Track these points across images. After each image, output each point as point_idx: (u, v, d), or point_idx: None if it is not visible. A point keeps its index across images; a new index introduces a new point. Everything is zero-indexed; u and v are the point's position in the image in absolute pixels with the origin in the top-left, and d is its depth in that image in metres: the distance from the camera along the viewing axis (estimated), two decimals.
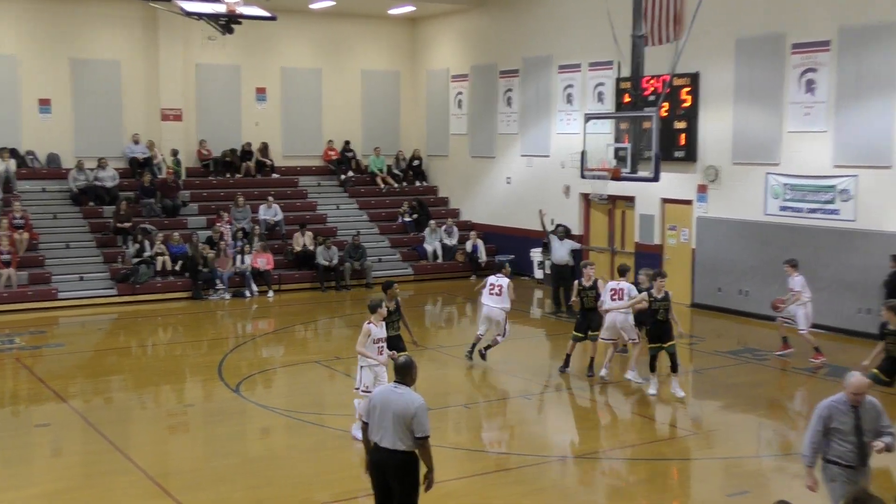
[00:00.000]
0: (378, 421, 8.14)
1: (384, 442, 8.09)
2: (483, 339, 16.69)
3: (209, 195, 26.91)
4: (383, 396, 8.24)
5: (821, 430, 8.19)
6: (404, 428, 8.02)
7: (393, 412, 8.04)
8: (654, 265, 22.40)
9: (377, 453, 8.17)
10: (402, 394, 8.16)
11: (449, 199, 29.81)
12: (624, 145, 17.64)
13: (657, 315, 14.35)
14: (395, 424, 8.02)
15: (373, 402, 8.28)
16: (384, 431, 8.08)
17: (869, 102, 18.06)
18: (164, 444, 12.96)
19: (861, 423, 8.06)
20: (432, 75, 30.19)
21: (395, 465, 8.09)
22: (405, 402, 8.07)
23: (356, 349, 12.08)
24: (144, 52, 27.05)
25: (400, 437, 8.03)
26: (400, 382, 8.29)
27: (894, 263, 17.30)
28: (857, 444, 8.07)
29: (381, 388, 8.52)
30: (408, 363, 8.40)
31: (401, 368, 8.37)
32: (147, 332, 20.56)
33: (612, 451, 12.43)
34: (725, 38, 20.57)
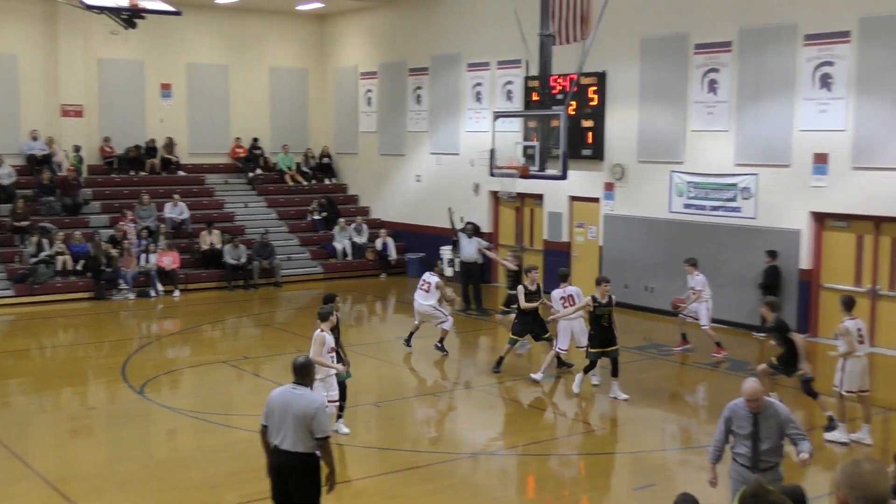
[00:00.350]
0: (278, 423, 8.02)
1: (284, 444, 7.99)
2: (418, 330, 17.39)
3: (112, 193, 26.28)
4: (282, 398, 8.10)
5: (724, 429, 8.38)
6: (304, 429, 7.91)
7: (293, 413, 7.93)
8: (563, 263, 22.70)
9: (277, 456, 8.06)
10: (300, 394, 8.05)
11: (359, 196, 29.68)
12: (532, 143, 17.75)
13: (601, 321, 14.17)
14: (295, 426, 7.92)
15: (271, 404, 8.13)
16: (284, 433, 7.97)
17: (768, 102, 18.55)
18: (66, 449, 12.60)
19: (758, 429, 8.08)
20: (341, 73, 30.01)
21: (296, 466, 7.99)
22: (305, 403, 7.97)
23: (313, 359, 11.67)
24: (43, 46, 26.28)
25: (300, 439, 7.93)
26: (298, 383, 8.15)
27: (770, 259, 18.50)
28: (753, 448, 8.15)
29: (280, 390, 8.30)
30: (306, 363, 8.25)
31: (299, 369, 8.22)
32: (47, 334, 19.99)
33: (522, 447, 12.52)
34: (631, 39, 20.90)
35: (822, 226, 18.20)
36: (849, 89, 17.30)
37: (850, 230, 17.85)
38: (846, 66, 17.32)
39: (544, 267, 23.57)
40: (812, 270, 18.23)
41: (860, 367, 12.36)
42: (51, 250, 22.98)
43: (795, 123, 18.14)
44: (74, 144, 26.22)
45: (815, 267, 18.24)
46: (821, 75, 17.70)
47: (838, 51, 17.43)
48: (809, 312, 18.30)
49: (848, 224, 17.85)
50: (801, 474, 9.97)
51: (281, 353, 17.41)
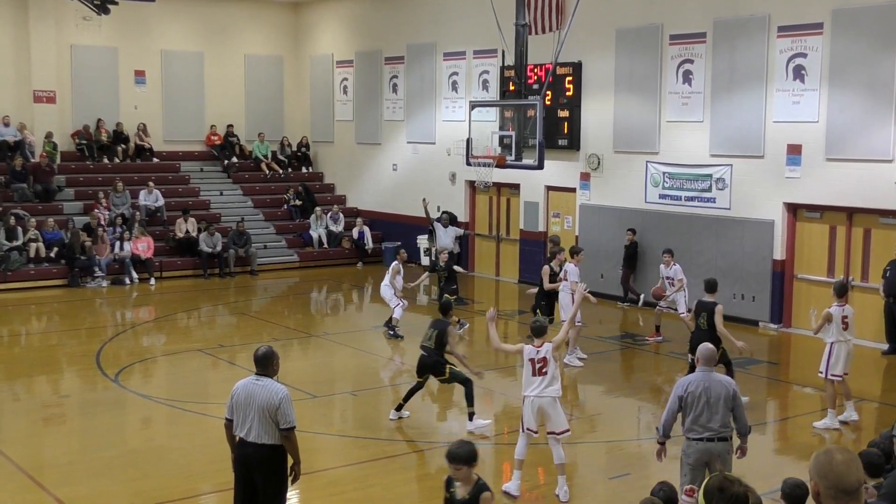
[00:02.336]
0: (242, 415, 7.97)
1: (250, 436, 7.94)
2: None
3: (86, 180, 26.09)
4: (246, 390, 8.03)
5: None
6: (269, 420, 7.88)
7: (257, 405, 7.88)
8: (539, 253, 22.79)
9: (242, 448, 8.02)
10: (264, 385, 7.97)
11: (335, 185, 29.62)
12: (509, 133, 17.78)
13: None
14: (260, 417, 7.87)
15: (235, 397, 8.06)
16: (249, 425, 7.93)
17: (742, 94, 18.66)
18: (39, 437, 12.54)
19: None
20: (316, 61, 29.90)
21: (261, 458, 7.95)
22: (269, 394, 7.91)
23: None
24: (14, 32, 25.99)
25: (266, 430, 7.89)
26: (261, 374, 8.07)
27: (632, 235, 20.59)
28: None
29: (243, 382, 8.17)
30: (269, 353, 8.16)
31: (262, 359, 8.11)
32: (20, 321, 19.85)
33: (497, 436, 12.57)
34: (606, 29, 20.95)
35: (795, 217, 18.35)
36: (822, 81, 17.43)
37: (823, 221, 18.01)
38: (819, 57, 17.44)
39: (520, 256, 23.68)
40: (786, 261, 18.38)
41: (845, 352, 12.56)
42: (24, 237, 22.81)
43: (769, 115, 18.26)
44: (47, 131, 25.97)
45: (789, 258, 18.39)
46: (794, 67, 17.82)
47: (811, 42, 17.56)
48: (784, 303, 18.45)
49: (821, 215, 18.01)
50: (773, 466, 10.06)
51: (256, 342, 17.35)
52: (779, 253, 18.38)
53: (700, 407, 8.51)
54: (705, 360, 8.72)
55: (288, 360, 16.13)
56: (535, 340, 10.21)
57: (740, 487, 4.19)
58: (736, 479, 4.23)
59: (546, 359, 10.28)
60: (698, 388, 8.53)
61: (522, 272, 23.65)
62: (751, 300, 18.70)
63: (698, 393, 8.51)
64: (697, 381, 8.59)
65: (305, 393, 14.00)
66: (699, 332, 13.08)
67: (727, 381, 8.69)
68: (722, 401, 8.50)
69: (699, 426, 8.54)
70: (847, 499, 4.01)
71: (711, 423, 8.51)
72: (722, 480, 4.22)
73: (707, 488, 4.23)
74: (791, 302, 18.46)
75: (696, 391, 8.52)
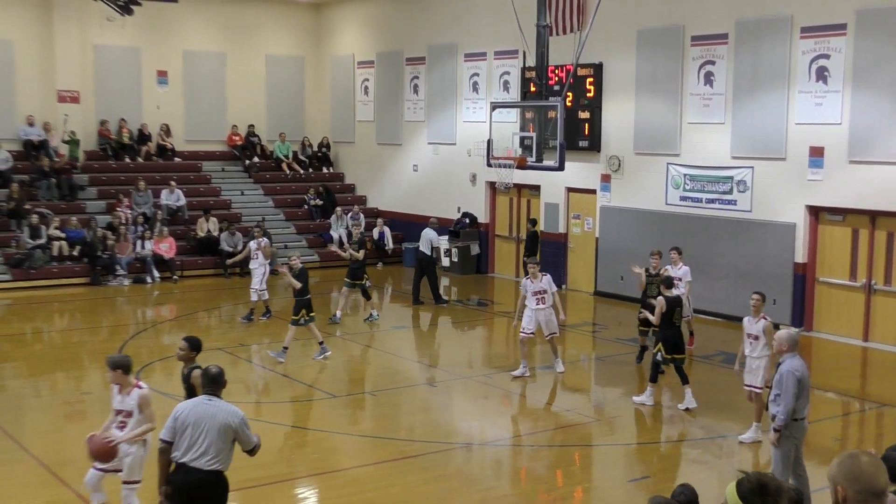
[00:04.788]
0: (190, 439, 7.50)
1: (199, 461, 7.48)
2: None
3: (109, 179, 26.27)
4: (197, 411, 7.58)
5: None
6: (227, 443, 7.54)
7: (215, 427, 7.50)
8: (560, 254, 22.79)
9: (186, 475, 7.53)
10: (219, 406, 7.61)
11: (355, 185, 29.68)
12: (529, 134, 17.77)
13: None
14: (216, 441, 7.49)
15: (182, 420, 7.57)
16: (201, 449, 7.48)
17: (764, 95, 18.56)
18: (60, 433, 12.62)
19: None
20: (337, 61, 29.97)
21: (210, 486, 7.52)
22: (227, 415, 7.56)
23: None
24: (38, 32, 26.21)
25: (219, 455, 7.53)
26: (212, 394, 7.73)
27: (531, 226, 22.49)
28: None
29: (190, 403, 7.73)
30: (222, 373, 7.85)
31: (215, 379, 7.78)
32: (43, 319, 20.00)
33: (516, 438, 12.56)
34: (627, 30, 20.89)
35: (817, 220, 18.23)
36: (845, 82, 17.30)
37: (846, 224, 17.89)
38: (842, 58, 17.32)
39: (540, 258, 23.63)
40: (807, 264, 18.27)
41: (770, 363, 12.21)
42: (47, 235, 22.99)
43: (791, 116, 18.15)
44: (70, 130, 26.17)
45: (811, 261, 18.27)
46: (817, 68, 17.71)
47: (834, 43, 17.44)
48: (805, 306, 18.34)
49: (843, 218, 17.89)
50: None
51: (276, 341, 17.44)
52: (800, 256, 18.27)
53: (806, 390, 9.33)
54: (793, 344, 9.35)
55: (308, 361, 16.22)
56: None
57: (775, 482, 4.16)
58: (771, 476, 4.20)
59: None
60: (805, 372, 9.27)
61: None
62: (771, 303, 18.55)
63: (806, 377, 9.29)
64: (803, 366, 9.34)
65: (325, 393, 14.04)
66: (673, 328, 13.44)
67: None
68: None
69: (802, 407, 9.33)
70: (876, 501, 3.98)
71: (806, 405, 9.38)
72: (760, 477, 4.17)
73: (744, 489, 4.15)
74: (812, 305, 18.34)
75: (805, 375, 9.27)
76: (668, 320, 13.35)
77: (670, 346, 13.32)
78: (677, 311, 13.43)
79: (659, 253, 15.93)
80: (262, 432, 12.25)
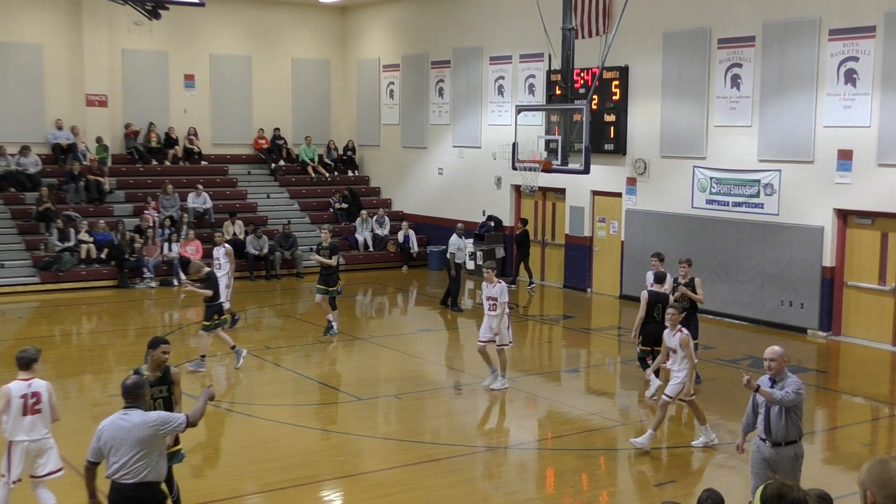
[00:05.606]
0: (114, 456, 7.24)
1: (127, 477, 7.23)
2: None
3: (136, 182, 26.47)
4: (112, 429, 7.30)
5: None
6: (153, 453, 7.27)
7: (132, 441, 7.21)
8: (584, 257, 22.73)
9: (117, 492, 7.28)
10: (132, 419, 7.30)
11: (380, 188, 29.74)
12: (555, 137, 17.75)
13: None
14: (137, 453, 7.21)
15: (103, 439, 7.30)
16: (125, 465, 7.21)
17: (792, 98, 18.43)
18: (88, 435, 12.49)
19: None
20: (363, 65, 30.06)
21: (143, 499, 7.30)
22: (140, 428, 7.25)
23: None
24: (68, 37, 26.49)
25: (146, 466, 7.24)
26: (131, 406, 7.41)
27: (521, 226, 22.84)
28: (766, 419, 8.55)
29: (109, 420, 7.41)
30: (139, 383, 7.53)
31: (131, 390, 7.45)
32: (71, 321, 20.17)
33: (541, 441, 12.54)
34: (653, 32, 20.82)
35: (845, 223, 18.08)
36: (874, 85, 17.16)
37: (875, 228, 17.73)
38: (871, 61, 17.18)
39: (565, 261, 23.61)
40: (835, 268, 18.12)
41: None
42: (75, 239, 23.20)
43: (819, 119, 18.02)
44: (97, 136, 26.40)
45: (839, 264, 18.13)
46: (845, 70, 17.57)
47: (863, 46, 17.30)
48: (833, 310, 18.18)
49: (872, 221, 17.73)
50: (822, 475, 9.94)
51: (302, 344, 17.52)
52: (828, 260, 18.12)
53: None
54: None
55: (333, 363, 16.26)
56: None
57: (799, 492, 4.15)
58: (793, 485, 4.19)
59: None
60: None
61: (567, 277, 23.58)
62: (799, 307, 18.46)
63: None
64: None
65: (350, 395, 14.07)
66: (654, 323, 13.68)
67: None
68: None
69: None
70: None
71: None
72: (781, 486, 4.17)
73: (766, 494, 4.17)
74: (840, 309, 18.18)
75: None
76: (650, 315, 13.83)
77: (649, 340, 13.81)
78: (659, 306, 13.73)
79: (688, 261, 15.09)
80: (288, 435, 12.34)
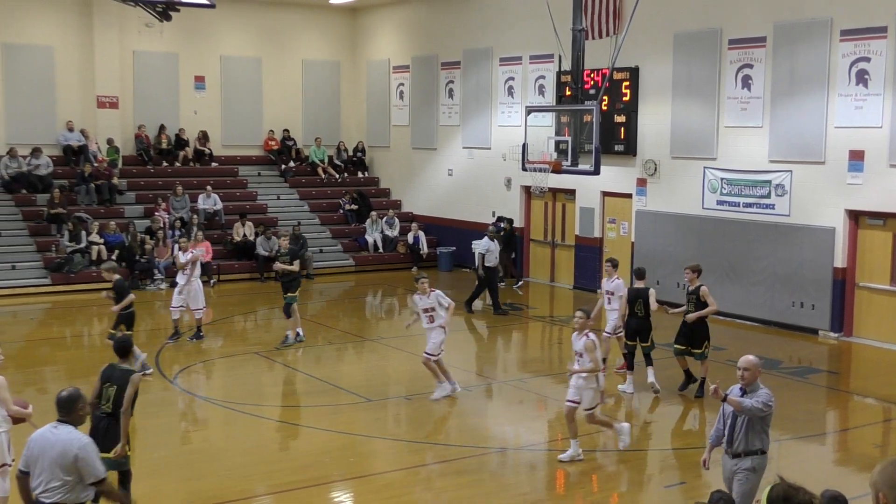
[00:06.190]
0: (38, 469, 6.82)
1: (44, 495, 6.80)
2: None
3: (147, 184, 26.53)
4: (39, 441, 6.90)
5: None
6: (68, 475, 6.76)
7: (51, 457, 6.76)
8: (595, 258, 22.68)
9: None
10: (60, 435, 6.85)
11: (390, 190, 29.74)
12: (565, 138, 17.71)
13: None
14: (52, 472, 6.76)
15: (31, 449, 6.91)
16: (45, 482, 6.79)
17: (803, 98, 18.37)
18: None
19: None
20: (373, 66, 30.07)
21: None
22: (64, 445, 6.78)
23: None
24: (79, 38, 26.56)
25: (62, 487, 6.78)
26: (62, 421, 6.96)
27: (507, 225, 23.44)
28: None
29: (39, 431, 7.01)
30: (73, 396, 7.03)
31: (64, 403, 7.00)
32: (82, 322, 20.23)
33: (551, 442, 12.51)
34: (664, 33, 20.77)
35: (857, 224, 18.01)
36: (886, 85, 17.08)
37: (887, 229, 17.65)
38: (883, 61, 17.11)
39: (575, 262, 23.56)
40: (847, 269, 18.04)
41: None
42: (86, 240, 23.26)
43: (830, 120, 17.96)
44: (108, 137, 26.48)
45: (850, 265, 18.05)
46: (857, 71, 17.50)
47: (875, 46, 17.23)
48: (844, 311, 18.11)
49: (884, 222, 17.65)
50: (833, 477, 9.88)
51: (312, 346, 17.53)
52: (840, 260, 18.05)
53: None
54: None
55: (342, 364, 16.28)
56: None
57: (805, 496, 4.13)
58: (800, 487, 4.17)
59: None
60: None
61: (577, 278, 23.54)
62: (810, 308, 18.40)
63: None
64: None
65: (360, 396, 14.07)
66: (636, 318, 14.11)
67: None
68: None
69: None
70: None
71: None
72: (787, 489, 4.15)
73: (772, 495, 4.15)
74: (852, 310, 18.09)
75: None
76: (631, 311, 14.21)
77: (631, 334, 14.22)
78: (639, 301, 14.05)
79: (694, 268, 14.37)
80: (297, 436, 12.35)
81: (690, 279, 14.21)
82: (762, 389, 8.28)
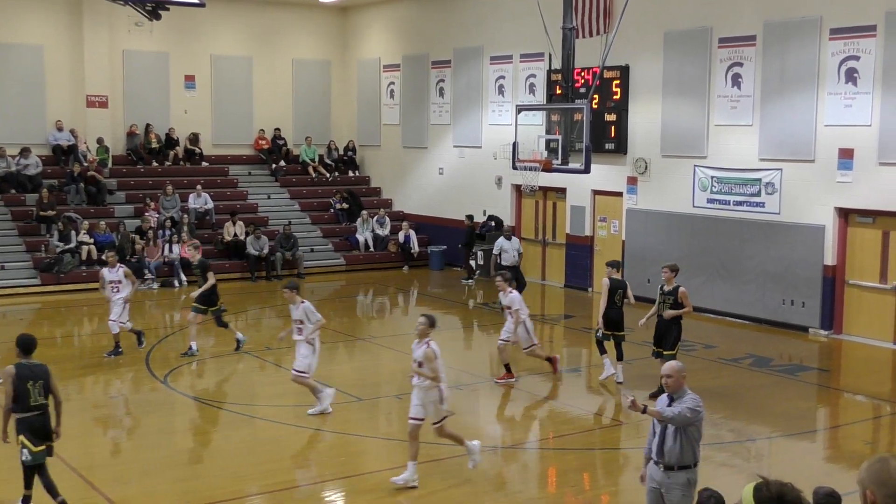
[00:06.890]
0: None
1: None
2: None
3: (137, 183, 26.47)
4: None
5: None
6: None
7: None
8: (585, 257, 22.70)
9: None
10: None
11: (381, 189, 29.73)
12: (555, 137, 17.75)
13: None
14: None
15: None
16: None
17: (793, 97, 18.42)
18: (90, 437, 12.71)
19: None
20: (363, 65, 30.05)
21: None
22: None
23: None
24: (68, 38, 26.47)
25: None
26: None
27: (468, 221, 24.18)
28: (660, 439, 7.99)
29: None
30: None
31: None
32: (72, 322, 20.16)
33: (541, 441, 12.53)
34: (654, 32, 20.80)
35: (846, 222, 18.07)
36: (875, 84, 17.15)
37: (876, 226, 17.72)
38: (872, 60, 17.17)
39: (566, 260, 23.59)
40: (837, 266, 18.11)
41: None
42: (76, 240, 23.19)
43: (820, 118, 18.01)
44: (98, 137, 26.40)
45: (840, 263, 18.11)
46: (846, 69, 17.56)
47: (864, 45, 17.29)
48: (834, 309, 18.17)
49: (873, 220, 17.72)
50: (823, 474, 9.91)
51: None
52: (829, 258, 18.11)
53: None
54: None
55: (333, 363, 16.25)
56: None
57: (794, 491, 4.13)
58: (787, 483, 4.17)
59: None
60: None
61: (568, 277, 23.56)
62: (800, 306, 18.46)
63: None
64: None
65: (351, 396, 14.06)
66: (615, 309, 14.48)
67: None
68: None
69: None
70: None
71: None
72: (780, 487, 4.15)
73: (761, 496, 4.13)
74: (842, 308, 18.16)
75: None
76: (611, 301, 14.48)
77: (611, 324, 14.54)
78: (619, 292, 14.40)
79: (671, 267, 13.96)
80: (289, 435, 12.34)
81: (668, 278, 13.81)
82: (688, 395, 7.87)
